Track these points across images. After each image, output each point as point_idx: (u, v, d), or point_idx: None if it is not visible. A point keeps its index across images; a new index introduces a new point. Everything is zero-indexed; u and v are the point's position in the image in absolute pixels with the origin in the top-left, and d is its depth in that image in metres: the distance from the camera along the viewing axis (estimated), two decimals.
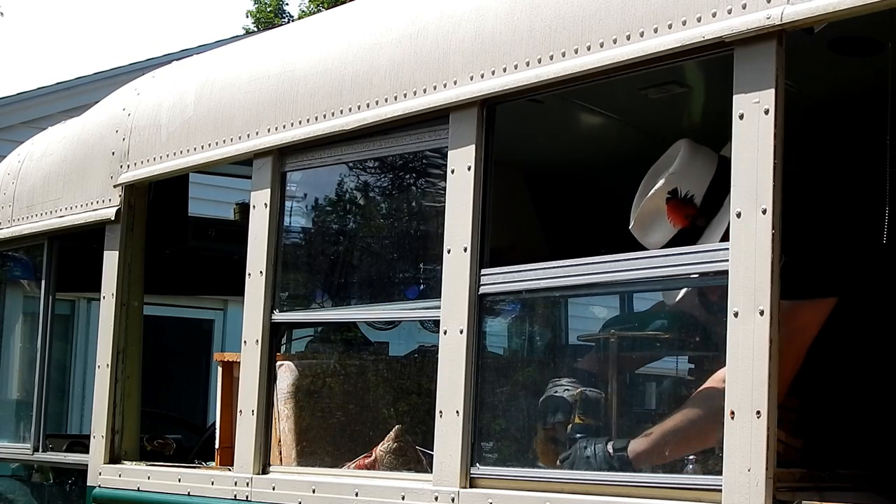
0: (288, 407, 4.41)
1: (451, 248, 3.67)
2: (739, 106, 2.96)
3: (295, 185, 4.49)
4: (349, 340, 5.31)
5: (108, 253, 5.14)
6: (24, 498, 6.12)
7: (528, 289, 3.61)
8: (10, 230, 5.91)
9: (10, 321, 6.44)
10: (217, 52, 5.25)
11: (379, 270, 4.44)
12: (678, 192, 3.54)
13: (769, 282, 2.86)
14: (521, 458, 3.70)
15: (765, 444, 2.82)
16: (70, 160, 5.54)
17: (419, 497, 3.67)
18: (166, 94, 5.08)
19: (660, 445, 3.29)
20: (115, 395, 5.04)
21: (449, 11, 3.85)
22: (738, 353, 2.90)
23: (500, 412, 3.75)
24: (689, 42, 3.10)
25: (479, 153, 3.64)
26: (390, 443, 4.17)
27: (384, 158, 4.29)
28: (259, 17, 23.42)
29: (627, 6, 3.26)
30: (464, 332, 3.59)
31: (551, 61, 3.45)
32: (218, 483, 4.44)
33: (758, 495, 2.81)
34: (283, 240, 4.45)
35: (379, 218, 4.69)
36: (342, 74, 4.16)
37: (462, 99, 3.69)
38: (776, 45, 2.92)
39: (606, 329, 3.78)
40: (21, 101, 13.61)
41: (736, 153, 2.98)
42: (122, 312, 5.08)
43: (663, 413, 3.43)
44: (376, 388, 4.70)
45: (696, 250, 3.21)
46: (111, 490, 4.96)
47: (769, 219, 2.88)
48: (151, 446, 5.58)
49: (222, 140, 4.62)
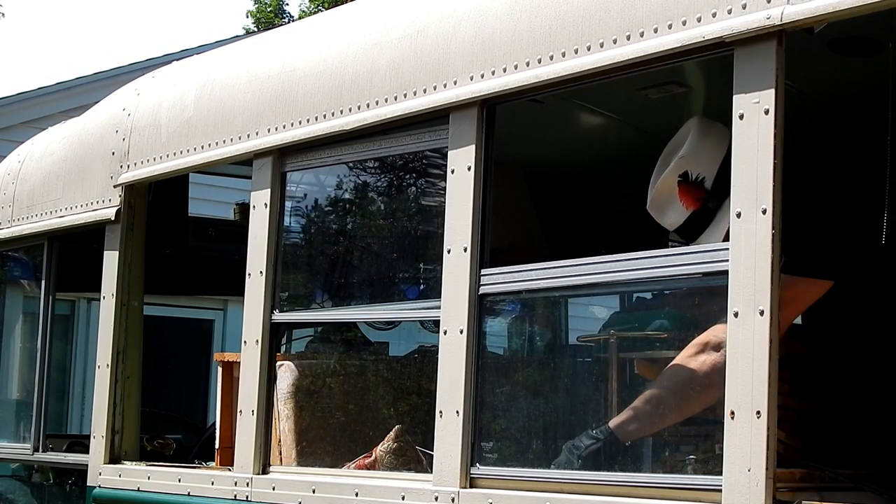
0: (288, 407, 4.41)
1: (451, 248, 3.67)
2: (739, 106, 2.96)
3: (295, 185, 4.49)
4: (349, 340, 5.31)
5: (108, 253, 5.14)
6: (24, 498, 6.12)
7: (528, 289, 3.61)
8: (10, 230, 5.91)
9: (10, 321, 6.44)
10: (217, 52, 5.25)
11: (379, 270, 4.44)
12: (689, 175, 3.55)
13: (769, 282, 2.86)
14: (521, 458, 3.70)
15: (765, 444, 2.82)
16: (70, 160, 5.54)
17: (419, 497, 3.66)
18: (166, 94, 5.08)
19: (655, 412, 3.28)
20: (115, 395, 5.04)
21: (449, 11, 3.85)
22: (738, 353, 2.90)
23: (500, 412, 3.75)
24: (689, 42, 3.10)
25: (479, 153, 3.64)
26: (390, 443, 4.17)
27: (384, 158, 4.29)
28: (259, 17, 23.42)
29: (627, 6, 3.26)
30: (464, 332, 3.59)
31: (551, 61, 3.45)
32: (218, 483, 4.44)
33: (758, 495, 2.81)
34: (283, 240, 4.45)
35: (379, 218, 4.69)
36: (342, 74, 4.16)
37: (462, 99, 3.69)
38: (776, 45, 2.92)
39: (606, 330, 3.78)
40: (21, 101, 13.60)
41: (736, 153, 2.98)
42: (122, 312, 5.08)
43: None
44: (376, 389, 4.70)
45: (696, 250, 3.21)
46: (111, 490, 4.96)
47: (769, 219, 2.88)
48: (151, 446, 5.58)
49: (222, 140, 4.62)
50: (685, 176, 3.54)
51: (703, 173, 3.52)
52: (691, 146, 3.56)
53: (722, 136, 3.53)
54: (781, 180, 2.90)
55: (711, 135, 3.55)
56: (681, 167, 3.55)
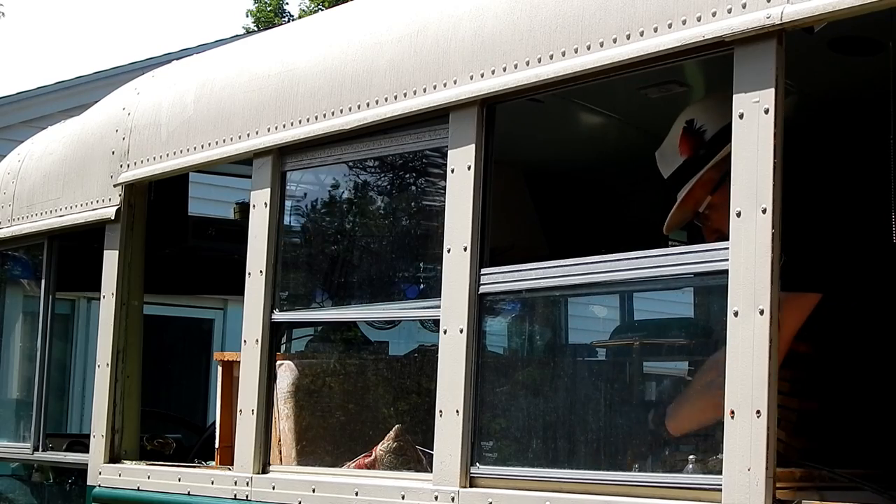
0: (288, 406, 4.41)
1: (451, 248, 3.67)
2: (739, 105, 2.96)
3: (295, 185, 4.49)
4: (349, 340, 5.31)
5: (108, 252, 5.14)
6: (24, 497, 6.12)
7: (527, 288, 3.61)
8: (10, 230, 5.91)
9: (10, 321, 6.43)
10: (217, 51, 5.25)
11: (379, 270, 4.44)
12: (694, 122, 3.59)
13: (769, 281, 2.86)
14: (520, 457, 3.70)
15: (765, 443, 2.82)
16: (70, 160, 5.54)
17: (419, 496, 3.66)
18: (166, 93, 5.08)
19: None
20: (115, 394, 5.04)
21: (449, 11, 3.85)
22: (738, 353, 2.90)
23: (500, 411, 3.75)
24: (689, 42, 3.10)
25: (478, 153, 3.64)
26: (390, 442, 4.17)
27: (384, 158, 4.29)
28: (259, 16, 23.42)
29: (627, 6, 3.26)
30: (464, 332, 3.59)
31: (551, 61, 3.45)
32: (218, 482, 4.44)
33: (758, 495, 2.81)
34: (283, 239, 4.45)
35: (379, 217, 4.69)
36: (342, 74, 4.16)
37: (462, 98, 3.68)
38: (776, 44, 2.92)
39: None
40: (21, 101, 13.59)
41: (736, 153, 2.98)
42: (122, 312, 5.08)
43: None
44: (376, 388, 4.70)
45: (696, 250, 3.21)
46: (111, 489, 4.96)
47: (769, 218, 2.88)
48: (151, 446, 5.58)
49: (222, 139, 4.62)
50: (691, 123, 3.58)
51: (706, 125, 3.55)
52: (710, 99, 3.61)
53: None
54: (781, 180, 2.90)
55: (730, 99, 3.56)
56: (690, 114, 3.61)
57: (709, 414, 3.13)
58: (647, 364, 3.73)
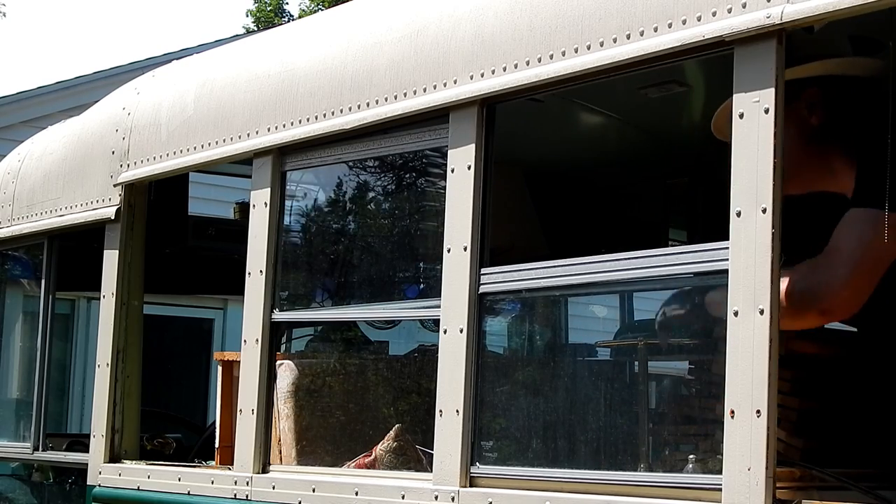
0: (288, 406, 4.41)
1: (451, 248, 3.67)
2: (739, 105, 2.96)
3: (295, 185, 4.49)
4: (349, 340, 5.31)
5: (108, 252, 5.14)
6: (24, 497, 6.12)
7: (527, 288, 3.61)
8: (9, 229, 5.91)
9: (10, 321, 6.43)
10: (217, 51, 5.25)
11: (379, 270, 4.44)
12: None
13: (769, 281, 2.86)
14: (520, 457, 3.70)
15: (765, 443, 2.82)
16: (70, 159, 5.54)
17: (419, 496, 3.66)
18: (166, 93, 5.08)
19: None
20: (115, 394, 5.04)
21: (449, 11, 3.85)
22: (738, 353, 2.90)
23: (499, 411, 3.75)
24: (689, 41, 3.10)
25: (478, 153, 3.64)
26: (390, 442, 4.17)
27: (384, 158, 4.28)
28: (259, 16, 23.44)
29: (627, 5, 3.26)
30: (464, 332, 3.59)
31: (551, 60, 3.45)
32: (218, 482, 4.44)
33: (758, 495, 2.81)
34: (283, 239, 4.45)
35: (379, 217, 4.69)
36: (342, 74, 4.16)
37: (462, 98, 3.68)
38: (776, 44, 2.92)
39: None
40: (21, 101, 13.59)
41: (736, 152, 2.98)
42: (122, 312, 5.08)
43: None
44: (376, 388, 4.70)
45: (696, 250, 3.21)
46: (111, 489, 4.96)
47: (769, 218, 2.88)
48: (151, 445, 5.58)
49: (222, 139, 4.62)
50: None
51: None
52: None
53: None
54: (781, 179, 2.90)
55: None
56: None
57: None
58: (648, 364, 3.72)
